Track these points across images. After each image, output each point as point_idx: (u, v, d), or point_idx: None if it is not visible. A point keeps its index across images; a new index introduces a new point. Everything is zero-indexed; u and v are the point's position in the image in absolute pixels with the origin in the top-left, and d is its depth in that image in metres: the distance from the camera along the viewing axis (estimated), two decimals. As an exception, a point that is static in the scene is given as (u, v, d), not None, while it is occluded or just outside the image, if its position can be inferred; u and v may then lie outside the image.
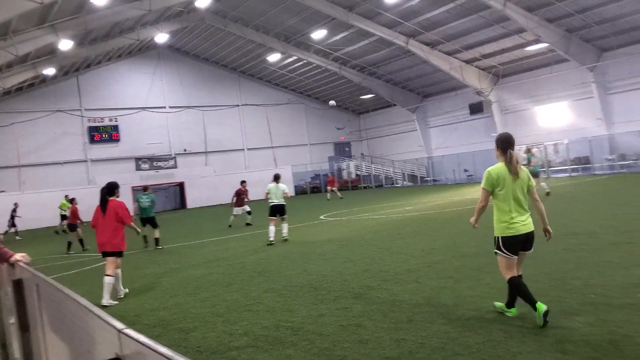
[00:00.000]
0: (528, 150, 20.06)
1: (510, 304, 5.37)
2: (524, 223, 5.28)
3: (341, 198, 30.73)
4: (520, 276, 5.35)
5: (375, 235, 12.86)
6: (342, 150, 50.40)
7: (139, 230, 9.27)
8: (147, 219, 15.29)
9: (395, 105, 44.10)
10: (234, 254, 12.24)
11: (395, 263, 8.83)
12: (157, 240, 14.90)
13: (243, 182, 20.25)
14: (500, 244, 5.30)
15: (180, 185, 42.02)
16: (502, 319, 5.20)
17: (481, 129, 39.42)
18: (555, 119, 35.16)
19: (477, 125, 39.64)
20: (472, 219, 5.86)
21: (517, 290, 5.17)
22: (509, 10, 28.10)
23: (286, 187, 14.09)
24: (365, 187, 44.70)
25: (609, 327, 4.66)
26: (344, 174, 46.89)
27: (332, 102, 34.45)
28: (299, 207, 27.45)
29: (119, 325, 1.54)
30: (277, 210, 13.60)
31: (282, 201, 13.63)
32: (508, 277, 5.25)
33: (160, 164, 41.22)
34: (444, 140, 42.81)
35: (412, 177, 44.44)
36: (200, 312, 6.83)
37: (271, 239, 13.16)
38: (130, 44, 37.19)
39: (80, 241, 16.44)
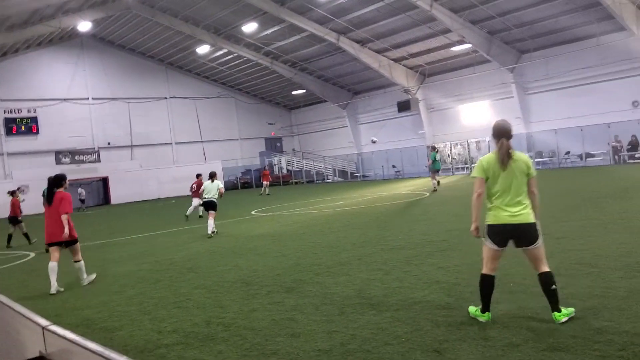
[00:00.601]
0: (433, 148, 21.16)
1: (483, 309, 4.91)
2: (514, 214, 4.83)
3: (268, 194, 30.26)
4: (541, 274, 4.83)
5: (307, 230, 12.93)
6: (274, 145, 50.28)
7: (66, 229, 8.52)
8: None
9: (326, 101, 44.48)
10: (162, 250, 11.95)
11: (327, 256, 8.92)
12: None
13: (199, 175, 20.27)
14: (486, 231, 4.94)
15: (104, 180, 40.51)
16: (429, 309, 5.37)
17: (409, 126, 40.51)
18: (477, 118, 36.63)
19: (404, 122, 40.68)
20: (472, 226, 4.99)
21: (481, 287, 4.90)
22: (436, 11, 28.99)
23: (221, 184, 14.46)
24: (296, 183, 44.84)
25: (527, 314, 4.93)
26: (276, 170, 46.80)
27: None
28: (229, 202, 27.13)
29: (43, 322, 1.46)
30: (209, 206, 14.01)
31: (214, 198, 13.96)
32: (483, 270, 4.93)
33: (82, 157, 39.52)
34: (374, 136, 43.62)
35: (343, 173, 45.04)
36: (127, 310, 6.62)
37: (211, 232, 13.49)
38: (51, 32, 35.33)
39: (26, 235, 15.53)
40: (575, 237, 8.40)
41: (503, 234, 4.85)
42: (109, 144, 41.75)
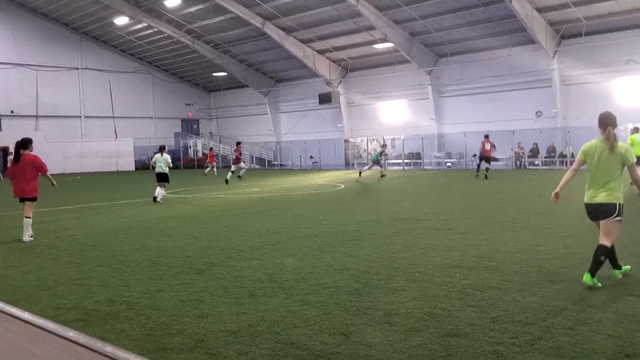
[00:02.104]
0: (384, 144, 23.92)
1: (614, 266, 5.84)
2: (593, 195, 5.75)
3: (205, 175, 30.96)
4: (600, 246, 5.63)
5: (221, 214, 12.77)
6: (190, 127, 49.04)
7: (54, 182, 10.14)
8: None
9: (247, 86, 43.95)
10: (64, 226, 11.36)
11: (240, 241, 8.86)
12: None
13: (239, 143, 25.10)
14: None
15: (4, 151, 37.76)
16: (339, 295, 5.48)
17: (328, 118, 40.94)
18: (394, 116, 37.69)
19: (324, 114, 41.06)
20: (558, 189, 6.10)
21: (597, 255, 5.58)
22: (362, 7, 29.42)
23: (169, 158, 16.16)
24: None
25: (430, 301, 5.15)
26: (191, 153, 45.70)
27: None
28: (140, 182, 26.22)
29: None
30: (160, 178, 15.73)
31: (165, 170, 15.69)
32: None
33: (-20, 124, 36.61)
34: (293, 126, 43.70)
35: (260, 160, 44.80)
36: (23, 285, 6.24)
37: (156, 195, 15.39)
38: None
39: None
40: (477, 234, 8.88)
41: (589, 212, 5.92)
42: (12, 112, 38.97)
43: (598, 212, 5.75)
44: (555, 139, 30.39)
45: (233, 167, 23.67)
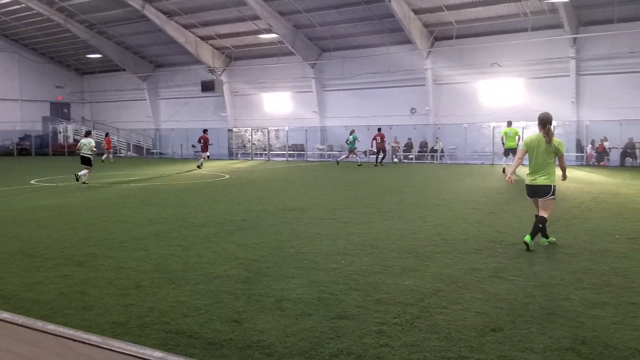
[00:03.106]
0: (352, 132, 26.70)
1: (543, 235, 7.24)
2: (534, 178, 7.23)
3: (102, 161, 30.09)
4: (540, 217, 7.17)
5: (98, 204, 12.14)
6: (60, 111, 45.62)
7: None
8: None
9: (124, 70, 41.75)
10: None
11: (121, 231, 8.53)
12: None
13: (205, 130, 25.56)
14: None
15: None
16: (229, 283, 5.52)
17: (211, 107, 40.20)
18: (279, 107, 37.93)
19: (207, 103, 40.27)
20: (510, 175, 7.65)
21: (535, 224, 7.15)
22: (247, -4, 29.20)
23: (93, 142, 17.13)
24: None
25: (318, 287, 5.37)
26: (61, 138, 42.62)
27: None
28: (4, 170, 24.06)
29: None
30: (84, 161, 16.74)
31: (89, 153, 16.73)
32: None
33: None
34: (174, 113, 42.35)
35: (138, 148, 42.91)
36: None
37: (79, 174, 16.54)
38: None
39: None
40: (359, 222, 9.32)
41: (529, 191, 7.40)
42: None
43: (537, 191, 7.25)
44: (427, 135, 32.41)
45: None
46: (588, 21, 27.09)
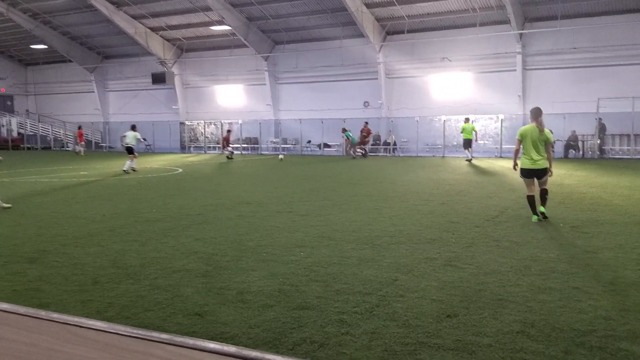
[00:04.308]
0: (344, 130, 28.16)
1: (533, 213, 8.62)
2: (533, 162, 8.55)
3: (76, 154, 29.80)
4: (543, 189, 8.74)
5: (46, 199, 11.80)
6: (3, 104, 43.77)
7: None
8: None
9: (71, 61, 40.43)
10: None
11: (74, 227, 8.34)
12: None
13: (229, 131, 28.70)
14: (520, 173, 8.80)
15: None
16: (189, 278, 5.52)
17: (162, 99, 39.49)
18: (232, 100, 37.61)
19: (158, 95, 39.53)
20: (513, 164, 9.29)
21: (528, 200, 8.72)
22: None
23: (139, 134, 20.01)
24: (29, 148, 40.00)
25: (278, 279, 5.44)
26: (3, 132, 40.93)
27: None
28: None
29: None
30: (129, 151, 18.66)
31: (132, 143, 18.97)
32: (527, 192, 8.79)
33: None
34: (123, 106, 41.37)
35: (87, 142, 41.65)
36: None
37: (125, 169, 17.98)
38: None
39: None
40: (317, 215, 9.43)
41: (530, 173, 8.68)
42: None
43: (537, 172, 8.62)
44: (380, 128, 32.85)
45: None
46: (533, 17, 28.06)
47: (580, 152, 27.26)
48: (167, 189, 13.86)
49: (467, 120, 24.49)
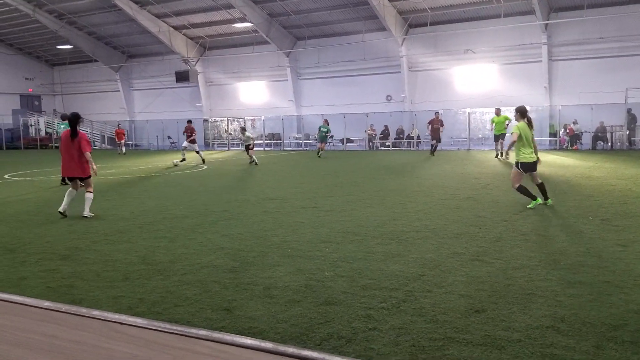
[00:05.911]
0: (326, 122, 25.87)
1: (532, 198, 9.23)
2: (531, 156, 9.24)
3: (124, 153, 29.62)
4: (541, 183, 9.52)
5: (77, 197, 12.00)
6: (31, 104, 44.70)
7: (94, 168, 9.44)
8: None
9: (97, 61, 41.05)
10: None
11: (103, 224, 8.51)
12: None
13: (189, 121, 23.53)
14: (519, 165, 9.27)
15: None
16: (217, 273, 5.59)
17: (186, 97, 39.85)
18: (254, 96, 37.77)
19: (182, 93, 39.90)
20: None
21: (522, 190, 9.24)
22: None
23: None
24: (57, 147, 40.72)
25: (305, 274, 5.48)
26: (32, 132, 41.80)
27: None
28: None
29: None
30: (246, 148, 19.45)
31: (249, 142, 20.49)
32: (516, 185, 9.35)
33: None
34: (148, 104, 41.88)
35: (112, 140, 42.31)
36: None
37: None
38: None
39: None
40: (341, 210, 9.44)
41: (529, 166, 9.27)
42: None
43: (534, 165, 9.24)
44: (404, 122, 32.66)
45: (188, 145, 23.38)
46: (559, 7, 27.55)
47: (609, 144, 26.72)
48: (192, 186, 14.00)
49: (498, 111, 21.56)
